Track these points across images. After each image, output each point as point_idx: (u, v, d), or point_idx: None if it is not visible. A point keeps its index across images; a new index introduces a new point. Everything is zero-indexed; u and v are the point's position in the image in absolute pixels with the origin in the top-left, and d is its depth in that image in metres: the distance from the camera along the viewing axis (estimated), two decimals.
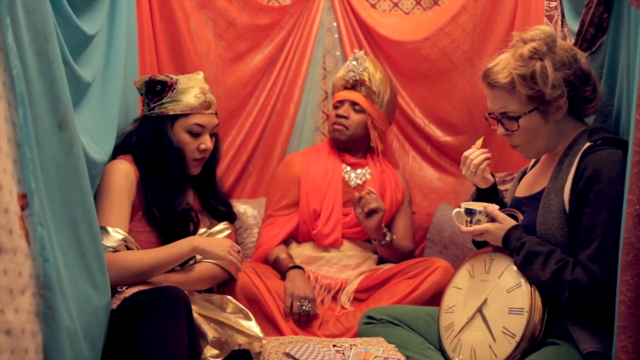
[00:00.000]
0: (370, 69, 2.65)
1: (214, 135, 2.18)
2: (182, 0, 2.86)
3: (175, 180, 2.07)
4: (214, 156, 2.22)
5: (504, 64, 1.74)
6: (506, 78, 1.72)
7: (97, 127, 1.96)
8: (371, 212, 2.41)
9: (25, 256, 1.25)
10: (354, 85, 2.66)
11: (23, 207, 1.26)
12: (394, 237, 2.54)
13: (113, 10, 2.10)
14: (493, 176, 1.97)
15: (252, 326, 1.94)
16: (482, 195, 1.96)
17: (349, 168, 2.68)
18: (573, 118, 1.80)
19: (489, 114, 1.83)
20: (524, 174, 2.01)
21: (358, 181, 2.66)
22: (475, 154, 1.92)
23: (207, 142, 2.12)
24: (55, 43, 1.42)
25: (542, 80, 1.69)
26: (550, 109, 1.74)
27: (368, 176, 2.67)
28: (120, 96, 2.12)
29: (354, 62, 2.67)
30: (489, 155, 1.93)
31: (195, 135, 2.11)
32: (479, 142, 1.95)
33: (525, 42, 1.74)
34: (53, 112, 1.41)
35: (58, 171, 1.43)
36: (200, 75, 2.18)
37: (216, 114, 2.17)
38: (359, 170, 2.68)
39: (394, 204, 2.66)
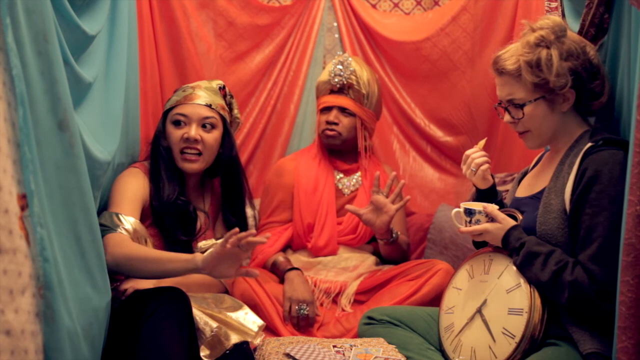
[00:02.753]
0: (357, 72, 2.58)
1: (216, 131, 2.15)
2: (182, 0, 2.86)
3: (164, 169, 2.08)
4: (227, 160, 2.19)
5: (512, 51, 1.76)
6: (513, 65, 1.74)
7: (100, 127, 1.96)
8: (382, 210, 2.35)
9: (25, 256, 1.25)
10: (341, 88, 2.59)
11: (23, 208, 1.26)
12: (399, 233, 2.50)
13: (114, 10, 2.10)
14: (493, 177, 1.97)
15: (248, 322, 1.93)
16: (482, 195, 1.96)
17: (341, 175, 2.65)
18: (579, 115, 1.80)
19: (498, 103, 1.84)
20: (524, 175, 2.01)
21: (352, 188, 2.63)
22: (478, 154, 1.93)
23: (190, 131, 2.09)
24: (55, 43, 1.42)
25: (547, 67, 1.70)
26: (556, 99, 1.75)
27: (361, 180, 2.64)
28: (123, 96, 2.12)
29: (340, 67, 2.57)
30: (489, 159, 1.94)
31: (179, 124, 2.12)
32: (482, 142, 1.95)
33: (533, 30, 1.76)
34: (53, 113, 1.41)
35: (58, 171, 1.43)
36: (213, 83, 2.23)
37: (211, 107, 2.15)
38: (352, 176, 2.65)
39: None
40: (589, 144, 1.69)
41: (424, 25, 3.02)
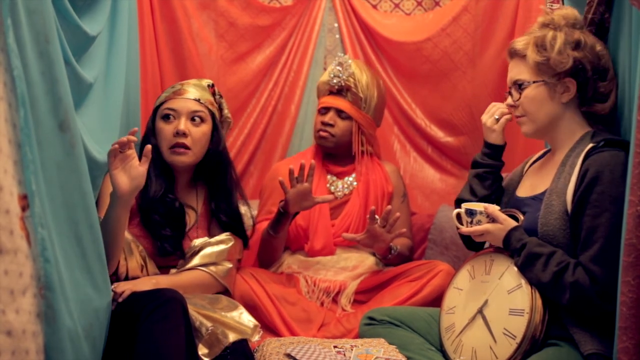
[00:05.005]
0: (356, 74, 2.56)
1: (205, 125, 2.14)
2: (183, 1, 2.86)
3: (151, 166, 2.01)
4: (214, 155, 2.18)
5: (526, 35, 1.83)
6: (522, 45, 1.80)
7: (99, 128, 1.96)
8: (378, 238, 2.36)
9: (26, 257, 1.26)
10: (340, 90, 2.58)
11: (24, 208, 1.26)
12: (398, 247, 2.49)
13: (114, 10, 2.10)
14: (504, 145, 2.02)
15: (244, 319, 1.93)
16: (490, 154, 2.01)
17: (335, 178, 2.64)
18: (581, 114, 1.80)
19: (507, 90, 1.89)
20: (524, 167, 2.01)
21: (345, 191, 2.61)
22: (504, 105, 1.97)
23: (180, 125, 2.09)
24: (56, 44, 1.42)
25: (550, 45, 1.75)
26: (557, 87, 1.77)
27: (355, 183, 2.62)
28: (122, 97, 2.12)
29: (339, 68, 2.57)
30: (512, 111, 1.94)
31: (168, 119, 2.11)
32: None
33: (547, 14, 1.83)
34: (54, 113, 1.41)
35: (59, 172, 1.43)
36: (202, 81, 2.23)
37: (199, 101, 2.14)
38: (345, 179, 2.64)
39: (385, 196, 2.63)
40: (590, 145, 1.70)
41: (424, 25, 3.02)
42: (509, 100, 1.86)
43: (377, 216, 2.33)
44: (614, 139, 1.69)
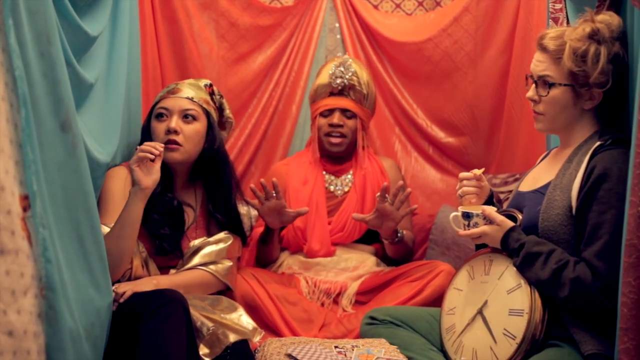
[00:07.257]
0: (357, 73, 2.56)
1: (197, 123, 2.14)
2: (184, 1, 2.87)
3: None
4: (210, 154, 2.17)
5: (561, 33, 1.74)
6: (556, 45, 1.72)
7: (100, 128, 1.96)
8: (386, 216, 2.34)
9: (28, 257, 1.26)
10: (341, 90, 2.57)
11: (25, 209, 1.27)
12: (404, 232, 2.48)
13: (115, 11, 2.10)
14: (491, 195, 1.94)
15: (243, 322, 1.94)
16: None
17: (333, 177, 2.64)
18: (595, 117, 1.78)
19: (530, 75, 1.82)
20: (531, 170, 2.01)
21: (345, 188, 2.61)
22: (470, 182, 1.91)
23: (171, 123, 2.10)
24: (57, 44, 1.42)
25: (592, 62, 1.68)
26: (583, 95, 1.74)
27: (352, 180, 2.61)
28: (123, 97, 2.12)
29: (341, 69, 2.56)
30: (478, 191, 1.91)
31: (161, 117, 2.13)
32: (478, 171, 1.93)
33: (593, 21, 1.72)
34: (55, 114, 1.41)
35: (60, 172, 1.44)
36: (200, 81, 2.24)
37: (192, 99, 2.15)
38: (343, 177, 2.63)
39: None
40: (598, 143, 1.69)
41: (425, 26, 3.02)
42: (532, 92, 1.80)
43: (387, 195, 2.31)
44: (621, 136, 1.68)
